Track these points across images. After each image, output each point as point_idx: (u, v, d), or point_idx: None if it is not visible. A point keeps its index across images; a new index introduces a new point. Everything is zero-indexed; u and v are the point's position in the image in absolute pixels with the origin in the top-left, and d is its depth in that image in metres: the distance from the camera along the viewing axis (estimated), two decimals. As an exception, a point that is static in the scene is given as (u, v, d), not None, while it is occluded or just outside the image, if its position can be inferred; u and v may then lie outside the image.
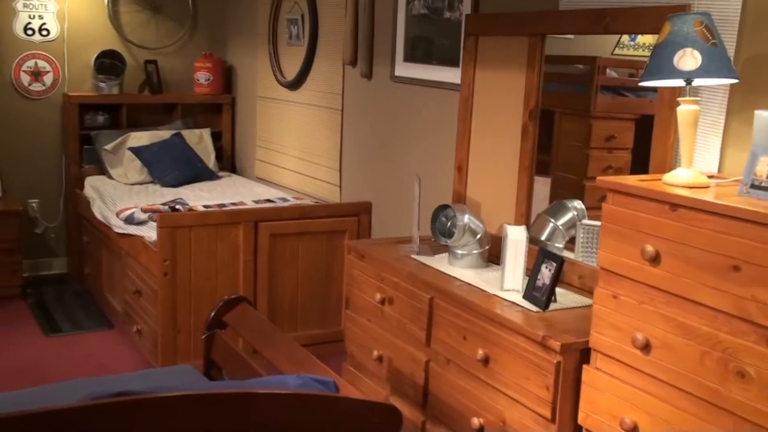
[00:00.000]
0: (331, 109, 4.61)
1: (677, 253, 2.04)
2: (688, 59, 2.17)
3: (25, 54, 5.37)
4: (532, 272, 2.73)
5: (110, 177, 5.32)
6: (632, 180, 2.25)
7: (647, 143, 2.68)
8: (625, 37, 3.00)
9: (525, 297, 2.71)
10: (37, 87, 5.44)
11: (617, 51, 3.07)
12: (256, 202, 4.61)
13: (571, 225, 3.13)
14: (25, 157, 5.46)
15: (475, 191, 3.44)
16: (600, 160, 3.15)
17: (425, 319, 2.94)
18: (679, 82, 2.25)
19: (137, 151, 5.28)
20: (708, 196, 2.02)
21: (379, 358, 3.23)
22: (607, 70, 3.22)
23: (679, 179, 2.17)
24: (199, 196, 4.85)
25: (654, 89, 2.63)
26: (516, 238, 2.80)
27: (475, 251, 3.11)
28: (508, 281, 2.82)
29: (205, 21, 5.92)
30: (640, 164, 2.73)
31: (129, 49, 5.68)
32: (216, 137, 5.76)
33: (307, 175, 4.91)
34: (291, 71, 5.03)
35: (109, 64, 5.51)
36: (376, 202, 4.29)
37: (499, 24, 3.27)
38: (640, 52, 2.99)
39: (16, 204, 5.20)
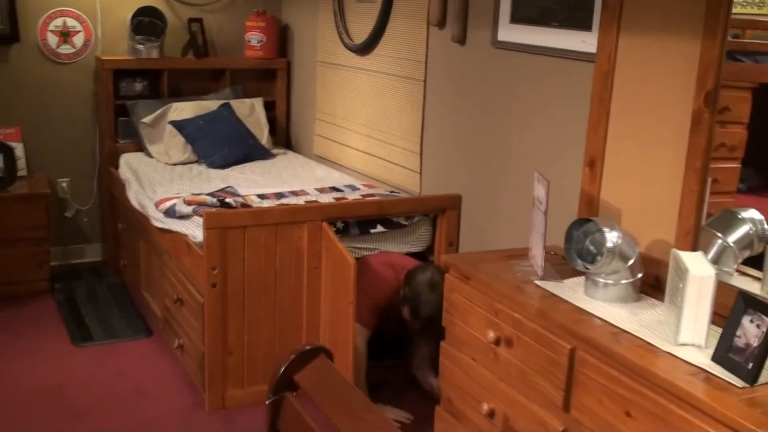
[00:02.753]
0: (411, 80, 3.82)
1: None
2: None
3: (52, 11, 4.66)
4: (727, 324, 1.94)
5: (149, 155, 4.61)
6: None
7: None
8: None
9: (716, 360, 1.93)
10: (66, 49, 4.73)
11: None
12: (320, 190, 3.86)
13: (747, 244, 2.34)
14: (53, 131, 4.78)
15: (613, 195, 2.64)
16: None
17: (563, 376, 2.18)
18: None
19: (180, 125, 4.56)
20: None
21: (491, 413, 2.48)
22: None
23: None
24: (251, 181, 4.12)
25: None
26: (700, 274, 2.01)
27: (624, 281, 2.33)
28: (686, 333, 2.03)
29: (258, -27, 5.14)
30: (757, 141, 2.30)
31: (171, 5, 4.93)
32: (269, 107, 5.01)
33: (379, 156, 4.14)
34: (360, 33, 4.24)
35: (147, 23, 4.76)
36: (465, 196, 3.51)
37: (657, -26, 2.44)
38: (755, 10, 2.39)
39: (43, 185, 4.53)
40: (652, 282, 2.43)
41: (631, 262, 2.31)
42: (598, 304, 2.31)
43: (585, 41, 2.79)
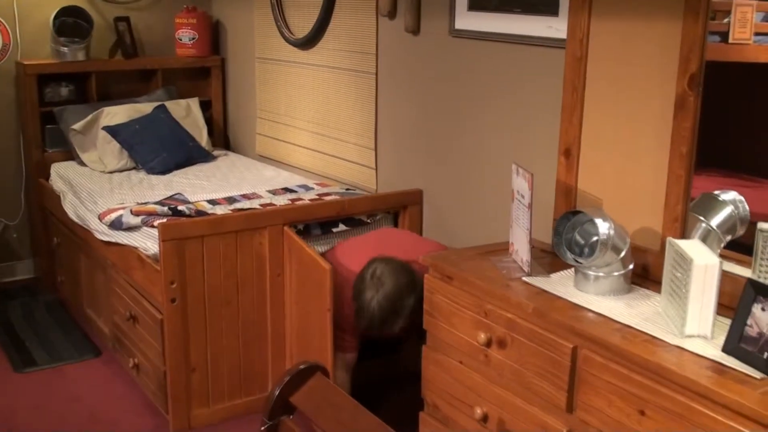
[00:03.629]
0: (362, 73, 3.68)
1: None
2: None
3: (-35, 14, 4.34)
4: (736, 314, 1.89)
5: (81, 163, 4.35)
6: None
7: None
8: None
9: (728, 351, 1.88)
10: (-18, 55, 4.42)
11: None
12: (272, 192, 3.69)
13: (730, 227, 2.30)
14: (-26, 143, 4.47)
15: (591, 184, 2.58)
16: None
17: (565, 376, 2.11)
18: None
19: (114, 131, 4.31)
20: None
21: (484, 418, 2.39)
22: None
23: None
24: (197, 187, 3.92)
25: None
26: (704, 263, 1.96)
27: (616, 273, 2.27)
28: (692, 324, 1.98)
29: (185, -33, 4.91)
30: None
31: (95, 5, 4.65)
32: (205, 107, 4.80)
33: (329, 154, 3.99)
34: (302, 26, 4.08)
35: (71, 23, 4.48)
36: (427, 191, 3.41)
37: (629, -45, 2.38)
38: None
39: (-33, 201, 4.23)
40: (639, 271, 2.38)
41: (623, 253, 2.25)
42: (592, 298, 2.24)
43: (552, 26, 2.72)
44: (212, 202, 3.52)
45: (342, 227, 3.31)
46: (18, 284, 4.64)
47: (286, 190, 3.73)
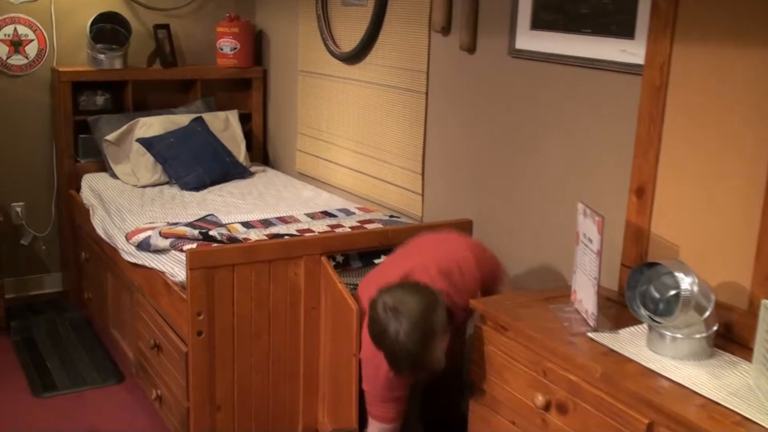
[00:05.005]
0: (411, 92, 3.44)
1: None
2: None
3: (1, 18, 4.18)
4: None
5: (114, 176, 4.17)
6: None
7: None
8: None
9: (840, 443, 1.59)
10: (17, 60, 4.25)
11: None
12: (310, 216, 3.46)
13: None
14: (6, 150, 4.30)
15: (667, 229, 2.30)
16: None
17: (638, 455, 1.83)
18: None
19: (148, 143, 4.12)
20: None
21: (539, 490, 2.12)
22: None
23: None
24: (232, 206, 3.70)
25: None
26: (811, 335, 1.68)
27: (698, 335, 1.99)
28: (793, 405, 1.70)
29: (229, -26, 4.73)
30: None
31: (134, 10, 4.48)
32: (244, 120, 4.59)
33: (372, 175, 3.75)
34: (348, 40, 3.85)
35: (109, 30, 4.31)
36: (476, 222, 3.14)
37: (722, -26, 2.10)
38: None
39: (-5, 211, 4.06)
40: (722, 331, 2.09)
41: (707, 313, 1.97)
42: (669, 364, 1.96)
43: (626, 50, 2.44)
44: (246, 224, 3.30)
45: (384, 259, 3.05)
46: (45, 298, 4.47)
47: (326, 214, 3.49)
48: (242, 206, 3.69)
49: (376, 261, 3.04)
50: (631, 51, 2.42)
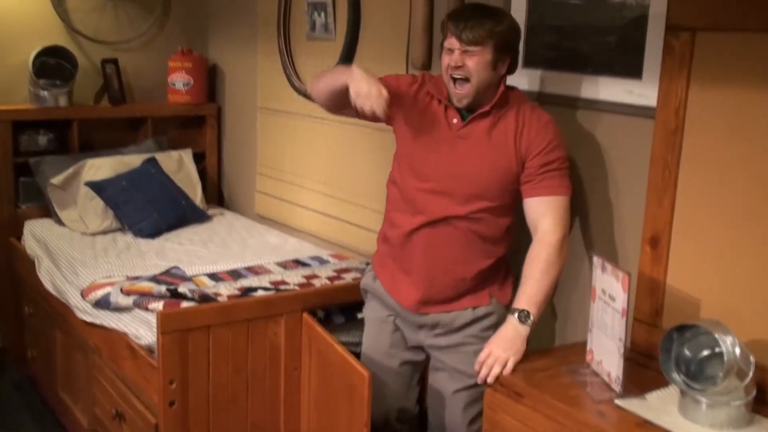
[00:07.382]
0: (384, 131, 3.25)
1: None
2: None
3: (-68, 53, 3.86)
4: None
5: (60, 222, 3.85)
6: None
7: None
8: None
9: None
10: (-49, 98, 3.93)
11: None
12: (282, 265, 3.22)
13: None
14: (-62, 196, 3.95)
15: (685, 282, 2.16)
16: None
17: None
18: None
19: (98, 187, 3.83)
20: None
21: None
22: None
23: None
24: (194, 256, 3.44)
25: None
26: None
27: (737, 402, 1.83)
28: None
29: (182, 5, 4.47)
30: None
31: (80, 44, 4.19)
32: (197, 159, 4.34)
33: (343, 219, 3.55)
34: (313, 75, 3.64)
35: (53, 64, 4.02)
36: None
37: (744, 13, 1.98)
38: None
39: (-73, 263, 3.70)
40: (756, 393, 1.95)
41: (748, 379, 1.82)
42: (707, 433, 1.80)
43: (633, 91, 2.31)
44: (214, 276, 3.04)
45: (367, 312, 2.84)
46: (-19, 354, 4.11)
47: (298, 263, 3.26)
48: (205, 255, 3.43)
49: (359, 315, 2.83)
50: (638, 92, 2.29)
